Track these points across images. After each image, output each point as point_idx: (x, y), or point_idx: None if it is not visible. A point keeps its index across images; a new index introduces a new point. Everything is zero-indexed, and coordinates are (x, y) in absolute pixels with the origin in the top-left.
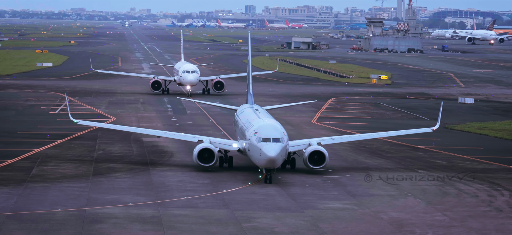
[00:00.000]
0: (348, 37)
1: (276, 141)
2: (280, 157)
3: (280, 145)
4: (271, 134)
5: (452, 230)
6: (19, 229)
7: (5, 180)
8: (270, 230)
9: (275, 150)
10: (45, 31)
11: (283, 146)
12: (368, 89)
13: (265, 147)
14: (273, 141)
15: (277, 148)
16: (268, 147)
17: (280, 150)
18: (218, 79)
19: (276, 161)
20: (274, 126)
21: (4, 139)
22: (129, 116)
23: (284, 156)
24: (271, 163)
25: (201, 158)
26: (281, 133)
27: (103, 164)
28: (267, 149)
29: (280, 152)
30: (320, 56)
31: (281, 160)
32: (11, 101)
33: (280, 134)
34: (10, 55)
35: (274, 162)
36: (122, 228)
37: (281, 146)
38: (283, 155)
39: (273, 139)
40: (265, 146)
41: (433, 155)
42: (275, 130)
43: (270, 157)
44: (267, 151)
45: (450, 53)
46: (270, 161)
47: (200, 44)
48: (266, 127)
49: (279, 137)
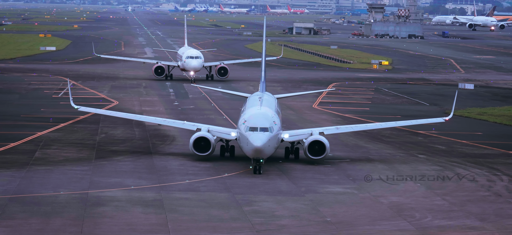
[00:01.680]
0: (350, 23)
1: (264, 130)
2: (268, 147)
3: (268, 134)
4: (259, 123)
5: (452, 214)
6: (22, 212)
7: (8, 163)
8: (271, 213)
9: (262, 139)
10: (48, 15)
11: (272, 135)
12: (369, 75)
13: (252, 136)
14: (261, 130)
15: (264, 137)
16: (254, 136)
17: (267, 139)
18: (222, 65)
19: (262, 151)
20: (265, 114)
21: (7, 122)
22: (131, 100)
23: (275, 146)
24: (258, 153)
25: (197, 147)
26: (271, 122)
27: (105, 148)
28: (254, 138)
29: (268, 142)
30: (321, 41)
31: (270, 150)
32: (15, 85)
33: (269, 123)
34: (13, 39)
35: (260, 151)
36: (124, 211)
37: (269, 135)
38: (272, 145)
39: (261, 128)
40: (252, 135)
41: (433, 140)
42: (265, 118)
43: (256, 147)
44: (254, 140)
45: (451, 39)
46: (257, 151)
47: (203, 29)
48: (256, 115)
49: (268, 126)
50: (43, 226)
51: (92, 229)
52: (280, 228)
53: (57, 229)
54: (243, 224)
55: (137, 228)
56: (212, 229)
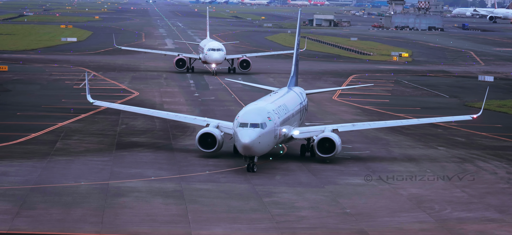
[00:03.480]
0: (370, 15)
1: (255, 126)
2: (258, 144)
3: (258, 131)
4: (250, 119)
5: (471, 206)
6: (43, 202)
7: (30, 153)
8: (291, 205)
9: (250, 136)
10: (69, 6)
11: (264, 132)
12: (389, 67)
13: (241, 132)
14: (251, 126)
15: (253, 134)
16: (243, 133)
17: (256, 136)
18: (244, 57)
19: (251, 148)
20: (260, 109)
21: (28, 113)
22: (152, 91)
23: (270, 143)
24: (247, 150)
25: (203, 143)
26: (265, 118)
27: (126, 138)
28: (242, 135)
29: (257, 139)
30: (341, 33)
31: (263, 147)
32: (36, 75)
33: (261, 119)
34: (35, 30)
35: (249, 149)
36: (145, 201)
37: (260, 132)
38: (265, 142)
39: (251, 124)
40: (241, 131)
41: (452, 132)
42: (258, 114)
43: (244, 144)
44: (242, 136)
45: (471, 31)
46: (245, 148)
47: (223, 21)
48: (250, 111)
49: (259, 122)
50: (64, 216)
51: (113, 220)
52: (300, 219)
53: (78, 219)
54: (263, 215)
55: (157, 218)
56: (232, 220)
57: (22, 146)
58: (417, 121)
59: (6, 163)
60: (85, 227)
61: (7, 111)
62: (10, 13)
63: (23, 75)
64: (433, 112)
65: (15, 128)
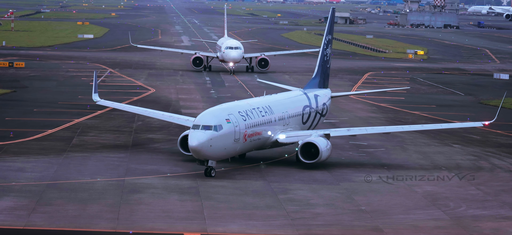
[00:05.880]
0: (385, 13)
1: (207, 129)
2: (209, 147)
3: (209, 133)
4: (203, 120)
5: (486, 204)
6: (59, 198)
7: (46, 150)
8: (306, 201)
9: (198, 138)
10: (86, 3)
11: (217, 135)
12: (405, 64)
13: (191, 134)
14: (203, 128)
15: (202, 136)
16: (192, 135)
17: (206, 139)
18: (262, 56)
19: (200, 151)
20: (220, 110)
21: (45, 109)
22: (168, 88)
23: (228, 148)
24: (195, 153)
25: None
26: (221, 120)
27: (142, 135)
28: (190, 137)
29: (207, 142)
30: (357, 31)
31: (216, 151)
32: (53, 72)
33: (216, 121)
34: (51, 26)
35: (197, 152)
36: (161, 198)
37: (212, 134)
38: (219, 146)
39: (204, 126)
40: (191, 134)
41: (467, 130)
42: (214, 116)
43: (191, 146)
44: (190, 139)
45: (486, 29)
46: (193, 151)
47: (239, 18)
48: (208, 112)
49: (213, 124)
50: (80, 212)
51: (128, 216)
52: (315, 216)
53: (94, 215)
54: (278, 212)
55: (173, 214)
56: (247, 217)
57: (38, 142)
58: (421, 126)
59: (23, 159)
60: (101, 223)
61: (24, 107)
62: (27, 10)
63: (40, 72)
64: (449, 109)
65: (32, 124)
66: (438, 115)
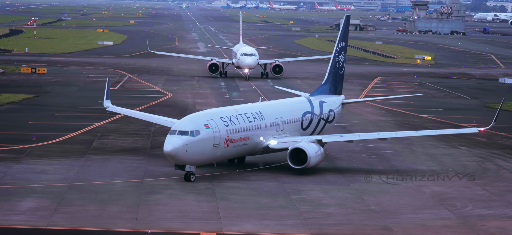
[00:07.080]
0: (394, 20)
1: (183, 134)
2: (185, 153)
3: (185, 139)
4: (180, 126)
5: (492, 203)
6: (80, 199)
7: (67, 152)
8: (318, 202)
9: (173, 144)
10: (106, 11)
11: (193, 140)
12: (413, 69)
13: (166, 139)
14: (179, 134)
15: (177, 142)
16: (167, 140)
17: (181, 144)
18: (277, 62)
19: (175, 156)
20: (199, 116)
21: (66, 113)
22: (185, 93)
23: (206, 153)
24: (170, 158)
25: None
26: (199, 125)
27: (160, 138)
28: (165, 142)
29: (183, 147)
30: (367, 37)
31: (193, 156)
32: (73, 77)
33: (193, 126)
34: (72, 34)
35: (172, 157)
36: (178, 198)
37: (188, 140)
38: (197, 151)
39: (180, 131)
40: (167, 139)
41: (473, 132)
42: (192, 121)
43: (165, 151)
44: (165, 144)
45: (491, 35)
46: (168, 156)
47: (253, 25)
48: (187, 117)
49: (189, 130)
50: (100, 212)
51: (147, 216)
52: (327, 216)
53: (113, 215)
54: (291, 212)
55: (190, 215)
56: (261, 217)
57: (60, 145)
58: (416, 133)
59: (45, 162)
60: (120, 223)
61: (46, 112)
62: (49, 18)
63: (61, 78)
64: (455, 113)
65: (54, 128)
66: (445, 119)
